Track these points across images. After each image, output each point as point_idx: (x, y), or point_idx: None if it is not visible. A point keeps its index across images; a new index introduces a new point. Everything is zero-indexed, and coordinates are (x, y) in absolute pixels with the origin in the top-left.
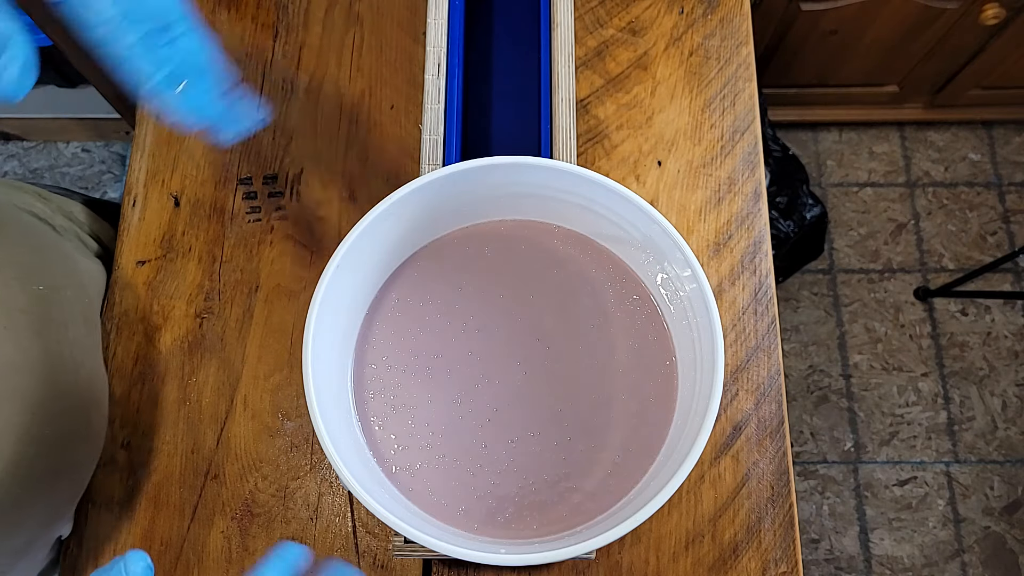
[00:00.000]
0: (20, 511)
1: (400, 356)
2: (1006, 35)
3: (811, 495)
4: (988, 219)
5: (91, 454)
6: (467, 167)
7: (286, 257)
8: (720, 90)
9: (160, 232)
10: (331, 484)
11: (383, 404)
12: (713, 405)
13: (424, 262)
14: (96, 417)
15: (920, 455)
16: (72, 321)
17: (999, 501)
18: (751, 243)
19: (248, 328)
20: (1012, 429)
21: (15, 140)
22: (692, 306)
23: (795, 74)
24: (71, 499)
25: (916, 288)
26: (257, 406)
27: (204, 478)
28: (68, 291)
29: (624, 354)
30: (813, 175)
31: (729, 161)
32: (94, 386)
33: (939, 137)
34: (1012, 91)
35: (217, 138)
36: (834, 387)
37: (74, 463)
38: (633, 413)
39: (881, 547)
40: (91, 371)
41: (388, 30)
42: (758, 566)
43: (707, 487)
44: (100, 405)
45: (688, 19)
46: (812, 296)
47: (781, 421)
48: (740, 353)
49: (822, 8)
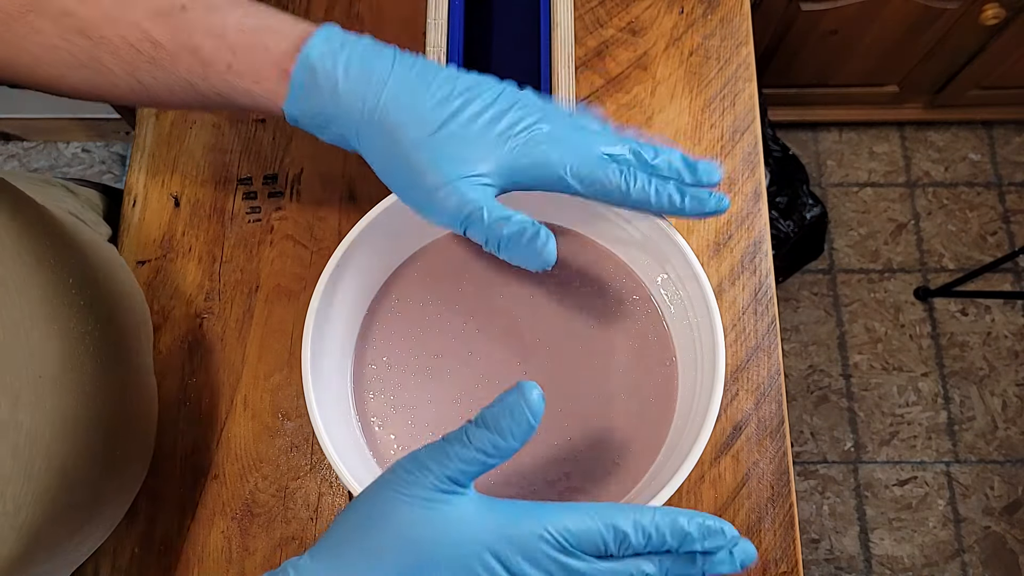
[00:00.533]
0: (89, 528)
1: (400, 356)
2: (1006, 35)
3: (811, 495)
4: (988, 219)
5: (143, 471)
6: None
7: (286, 257)
8: (720, 90)
9: (160, 232)
10: (331, 484)
11: (383, 404)
12: (713, 405)
13: (424, 262)
14: (151, 436)
15: (920, 455)
16: (139, 347)
17: (999, 501)
18: (751, 243)
19: (248, 328)
20: (1012, 429)
21: (15, 140)
22: (692, 306)
23: (795, 74)
24: (122, 513)
25: (916, 288)
26: (257, 406)
27: (204, 478)
28: (135, 315)
29: (624, 354)
30: (813, 175)
31: (729, 161)
32: (152, 406)
33: (939, 137)
34: (1012, 91)
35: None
36: (834, 387)
37: (132, 480)
38: (633, 413)
39: (881, 547)
40: (151, 392)
41: (388, 30)
42: (758, 566)
43: (707, 487)
44: (154, 424)
45: (688, 19)
46: (812, 296)
47: (781, 421)
48: (740, 353)
49: (822, 8)
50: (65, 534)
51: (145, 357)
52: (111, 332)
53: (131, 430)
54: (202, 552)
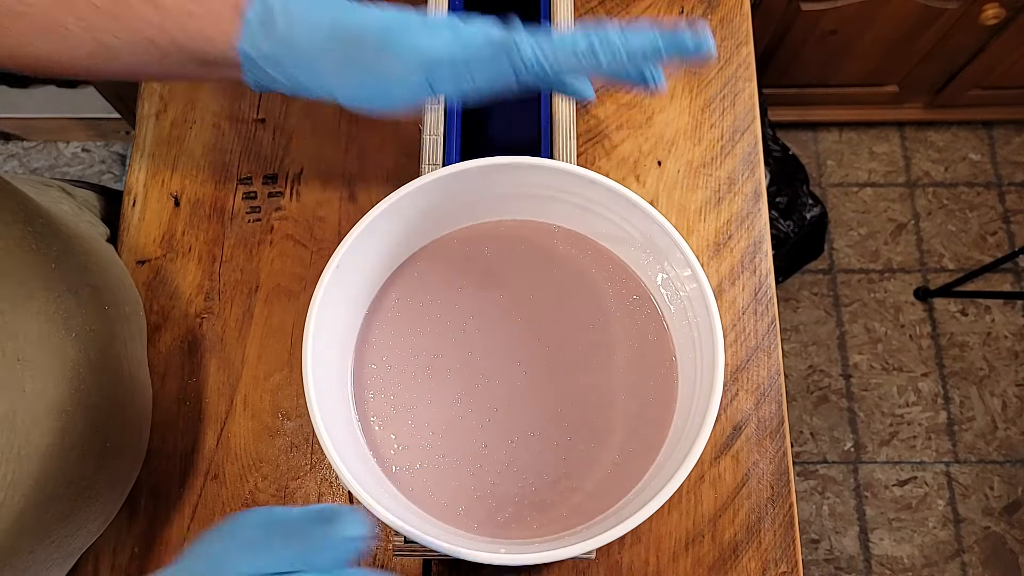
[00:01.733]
0: (80, 518)
1: (400, 356)
2: (1006, 35)
3: (811, 495)
4: (988, 219)
5: (138, 464)
6: (467, 167)
7: (286, 257)
8: (720, 90)
9: (160, 232)
10: (331, 484)
11: (383, 404)
12: (713, 405)
13: (424, 262)
14: (145, 428)
15: (920, 455)
16: (130, 338)
17: (999, 501)
18: (751, 243)
19: (248, 328)
20: (1012, 429)
21: (15, 140)
22: (692, 306)
23: (795, 74)
24: (118, 507)
25: (916, 288)
26: (257, 406)
27: (204, 478)
28: (127, 308)
29: (624, 354)
30: (813, 175)
31: (729, 161)
32: (146, 399)
33: (939, 137)
34: (1012, 91)
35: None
36: (834, 387)
37: (126, 472)
38: (633, 413)
39: (881, 547)
40: (144, 384)
41: None
42: (758, 566)
43: (707, 487)
44: (148, 417)
45: (688, 19)
46: (812, 296)
47: (781, 421)
48: (740, 353)
49: (822, 8)
50: (52, 521)
51: (137, 348)
52: (98, 320)
53: (121, 420)
54: None
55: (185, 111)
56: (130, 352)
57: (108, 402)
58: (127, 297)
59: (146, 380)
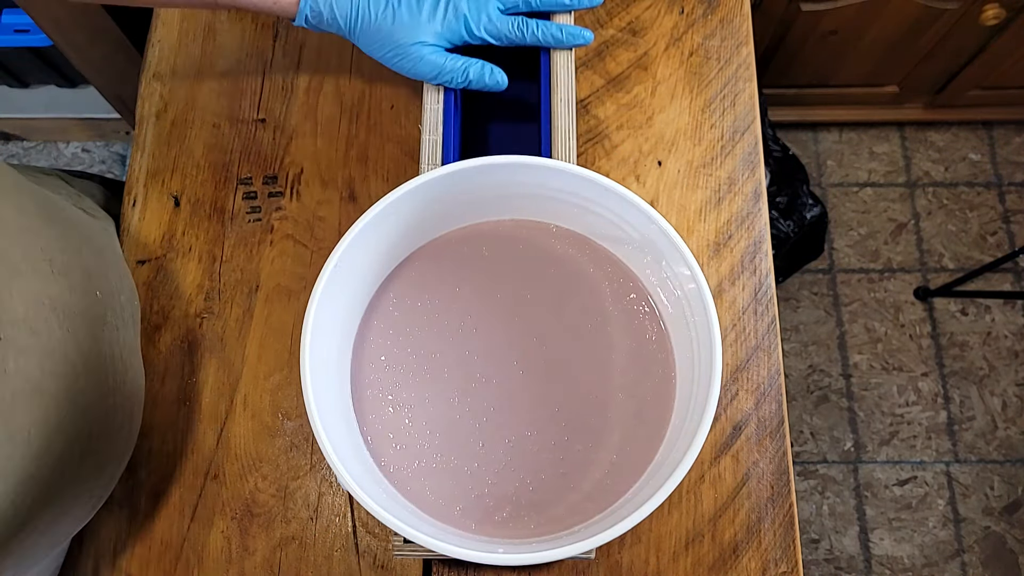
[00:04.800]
0: (68, 503)
1: (398, 355)
2: (1006, 35)
3: (811, 495)
4: (988, 219)
5: (128, 450)
6: (466, 166)
7: (286, 257)
8: (720, 90)
9: (160, 232)
10: (331, 484)
11: (381, 403)
12: (711, 405)
13: (422, 262)
14: (137, 415)
15: (920, 455)
16: (123, 325)
17: (999, 501)
18: (751, 243)
19: (248, 328)
20: (1012, 429)
21: (15, 140)
22: (690, 306)
23: (795, 74)
24: (106, 493)
25: (916, 288)
26: (257, 406)
27: (204, 478)
28: (122, 295)
29: (622, 354)
30: (813, 175)
31: (729, 161)
32: (137, 386)
33: (939, 137)
34: (1012, 91)
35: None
36: (834, 387)
37: (115, 458)
38: (631, 413)
39: (881, 547)
40: (136, 371)
41: None
42: (758, 566)
43: (707, 487)
44: (140, 403)
45: (688, 19)
46: (812, 296)
47: (781, 421)
48: (740, 353)
49: (822, 8)
50: (35, 505)
51: (130, 335)
52: (89, 304)
53: (110, 406)
54: (202, 552)
55: (185, 111)
56: (122, 338)
57: (96, 386)
58: (122, 285)
59: (139, 366)
